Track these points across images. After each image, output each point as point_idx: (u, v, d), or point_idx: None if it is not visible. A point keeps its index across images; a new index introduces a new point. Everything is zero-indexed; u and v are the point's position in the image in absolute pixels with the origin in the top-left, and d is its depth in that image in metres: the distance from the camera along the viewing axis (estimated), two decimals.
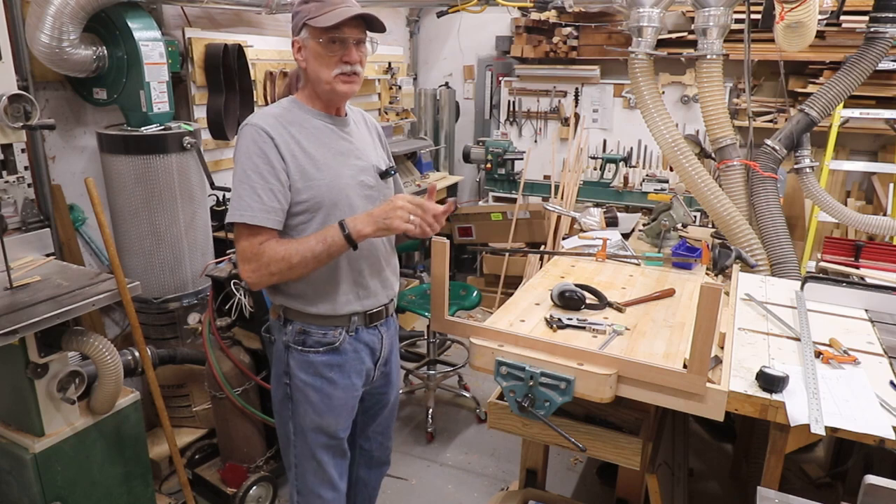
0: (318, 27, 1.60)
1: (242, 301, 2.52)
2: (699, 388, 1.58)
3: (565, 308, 2.02)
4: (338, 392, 1.77)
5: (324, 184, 1.65)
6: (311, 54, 1.65)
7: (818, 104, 2.92)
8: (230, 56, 3.32)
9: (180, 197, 2.78)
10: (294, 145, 1.63)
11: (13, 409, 2.06)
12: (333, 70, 1.63)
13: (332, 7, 1.61)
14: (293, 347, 1.74)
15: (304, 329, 1.73)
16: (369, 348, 1.82)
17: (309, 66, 1.66)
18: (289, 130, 1.64)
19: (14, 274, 2.05)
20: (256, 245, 1.59)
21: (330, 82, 1.64)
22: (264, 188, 1.58)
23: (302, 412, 1.78)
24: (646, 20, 2.88)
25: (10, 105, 1.89)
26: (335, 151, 1.70)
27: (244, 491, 2.58)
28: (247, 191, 1.57)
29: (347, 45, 1.63)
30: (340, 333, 1.74)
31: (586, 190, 4.68)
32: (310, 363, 1.74)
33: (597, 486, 2.94)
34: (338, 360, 1.75)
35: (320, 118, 1.71)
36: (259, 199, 1.57)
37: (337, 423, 1.81)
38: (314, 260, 1.59)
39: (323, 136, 1.70)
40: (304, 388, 1.75)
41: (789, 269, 2.86)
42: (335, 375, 1.76)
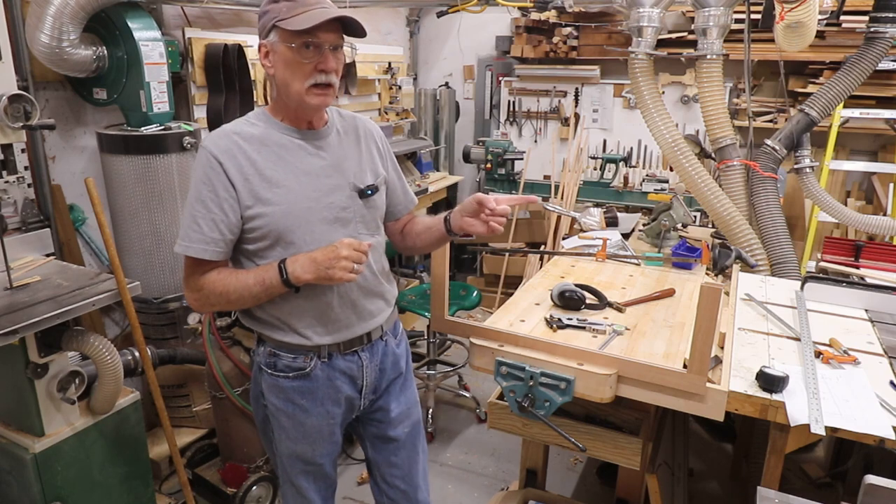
0: (290, 30, 1.42)
1: None
2: (699, 388, 1.58)
3: (565, 308, 2.02)
4: (311, 420, 1.65)
5: (279, 210, 1.49)
6: (280, 60, 1.47)
7: (818, 104, 2.92)
8: (230, 56, 3.32)
9: (180, 197, 2.78)
10: (248, 168, 1.48)
11: (13, 409, 2.06)
12: (306, 80, 1.46)
13: (306, 8, 1.44)
14: (264, 370, 1.63)
15: (274, 352, 1.61)
16: (347, 376, 1.66)
17: (278, 74, 1.49)
18: (245, 151, 1.49)
19: (14, 274, 2.05)
20: (198, 276, 1.51)
21: (300, 93, 1.47)
22: (205, 218, 1.47)
23: (276, 437, 1.69)
24: (646, 20, 2.88)
25: (10, 105, 1.89)
26: (299, 171, 1.53)
27: (244, 491, 2.58)
28: (188, 219, 1.48)
29: (323, 52, 1.46)
30: (311, 359, 1.60)
31: (586, 190, 4.68)
32: (280, 388, 1.62)
33: (597, 486, 2.94)
34: (309, 387, 1.62)
35: (287, 133, 1.55)
36: (199, 229, 1.47)
37: (313, 450, 1.69)
38: (252, 299, 1.50)
39: (287, 155, 1.53)
40: (276, 413, 1.65)
41: (789, 269, 2.86)
42: (307, 403, 1.63)
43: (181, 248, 1.49)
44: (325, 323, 1.59)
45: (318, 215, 1.54)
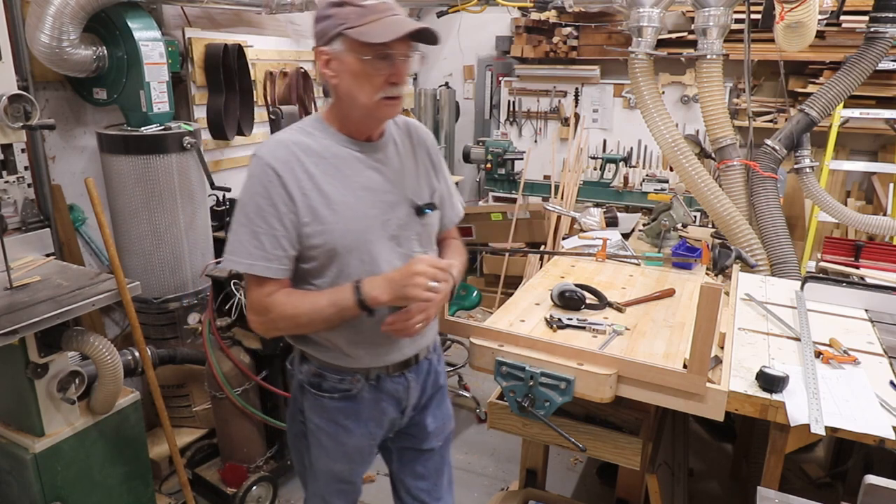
0: (364, 42, 1.32)
1: (242, 301, 2.52)
2: (699, 388, 1.58)
3: (565, 308, 2.02)
4: (353, 440, 1.59)
5: (338, 228, 1.41)
6: (347, 71, 1.36)
7: (818, 104, 2.92)
8: (230, 56, 3.32)
9: (180, 197, 2.78)
10: (307, 182, 1.39)
11: (13, 409, 2.06)
12: (377, 93, 1.37)
13: (378, 16, 1.33)
14: (308, 389, 1.56)
15: (320, 372, 1.54)
16: (393, 398, 1.59)
17: (342, 84, 1.38)
18: (303, 164, 1.39)
19: (14, 274, 2.05)
20: (265, 297, 1.41)
21: (369, 106, 1.39)
22: (267, 233, 1.37)
23: (315, 454, 1.62)
24: (646, 20, 2.88)
25: (10, 105, 1.89)
26: (358, 186, 1.44)
27: (244, 491, 2.58)
28: (247, 234, 1.38)
29: (395, 63, 1.37)
30: (358, 381, 1.54)
31: (586, 190, 4.68)
32: (324, 408, 1.56)
33: (597, 486, 2.94)
34: (354, 408, 1.56)
35: (346, 145, 1.45)
36: (261, 245, 1.37)
37: (351, 470, 1.66)
38: (324, 322, 1.42)
39: (345, 168, 1.44)
40: (316, 431, 1.59)
41: (789, 269, 2.86)
42: (350, 423, 1.56)
43: (244, 267, 1.39)
44: (378, 345, 1.52)
45: (377, 233, 1.46)
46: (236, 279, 2.51)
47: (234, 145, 3.63)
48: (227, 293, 2.55)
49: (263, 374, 2.66)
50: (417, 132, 1.63)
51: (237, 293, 2.52)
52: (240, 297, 2.52)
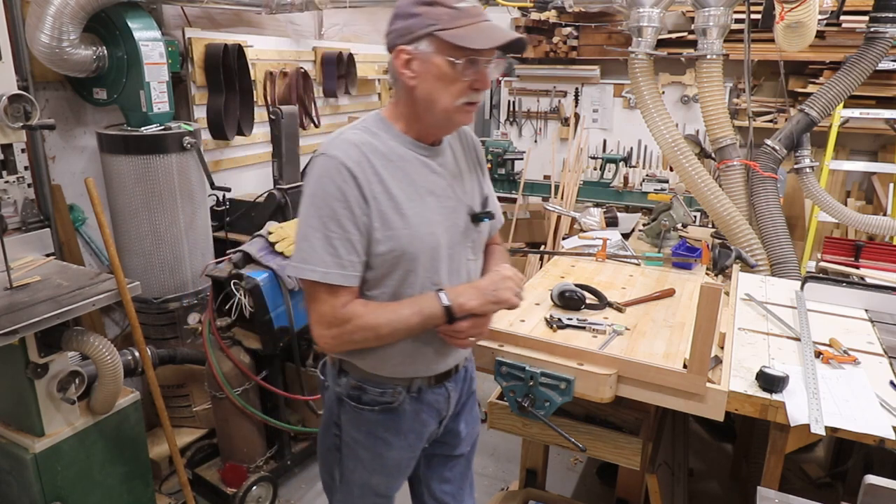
0: (460, 45, 1.27)
1: (242, 301, 2.52)
2: (699, 388, 1.58)
3: (565, 308, 2.02)
4: (392, 453, 1.54)
5: (406, 234, 1.34)
6: (430, 73, 1.31)
7: (818, 104, 2.92)
8: (230, 56, 3.33)
9: (180, 197, 2.78)
10: (377, 185, 1.32)
11: (13, 409, 2.06)
12: (460, 98, 1.33)
13: (472, 19, 1.30)
14: (346, 402, 1.50)
15: (360, 385, 1.48)
16: (434, 409, 1.55)
17: (422, 87, 1.33)
18: (373, 166, 1.33)
19: (14, 274, 2.05)
20: (339, 308, 1.32)
21: (449, 112, 1.34)
22: (341, 238, 1.30)
23: (350, 467, 1.56)
24: (646, 20, 2.88)
25: (10, 105, 1.89)
26: (424, 191, 1.39)
27: (244, 491, 2.58)
28: (320, 240, 1.30)
29: (481, 69, 1.33)
30: (400, 393, 1.48)
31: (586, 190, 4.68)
32: (364, 421, 1.50)
33: (597, 486, 2.94)
34: (395, 421, 1.50)
35: (412, 148, 1.39)
36: (335, 252, 1.30)
37: (388, 483, 1.60)
38: (406, 332, 1.35)
39: (411, 171, 1.38)
40: (353, 444, 1.53)
41: (789, 269, 2.86)
42: (390, 436, 1.51)
43: (317, 276, 1.30)
44: (425, 354, 1.47)
45: (441, 240, 1.41)
46: (236, 279, 2.51)
47: (234, 145, 3.63)
48: (227, 293, 2.55)
49: (263, 374, 2.66)
50: (467, 133, 1.58)
51: (237, 293, 2.52)
52: (239, 296, 2.52)
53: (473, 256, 1.51)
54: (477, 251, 1.53)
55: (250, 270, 2.53)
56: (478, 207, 1.51)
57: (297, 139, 3.35)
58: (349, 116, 4.40)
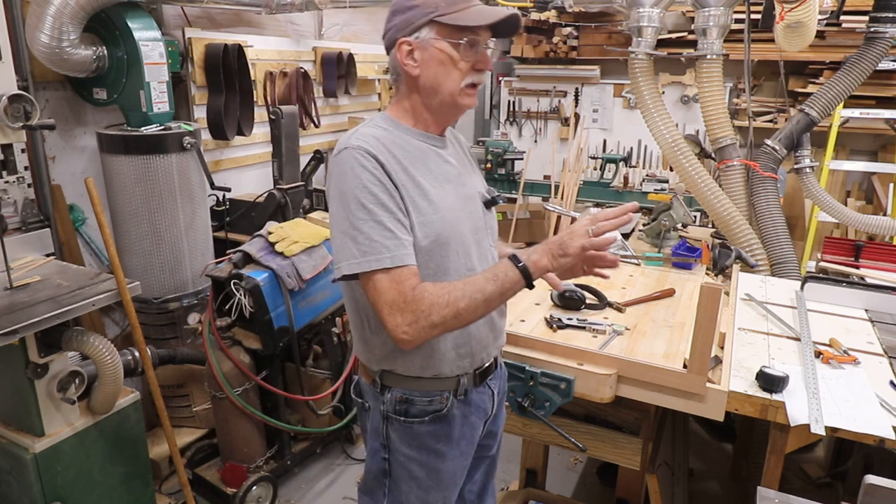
0: (459, 25, 1.32)
1: (242, 301, 2.52)
2: (699, 388, 1.58)
3: (565, 308, 2.03)
4: (446, 465, 1.50)
5: (437, 219, 1.35)
6: (434, 59, 1.34)
7: (818, 104, 2.92)
8: (230, 56, 3.32)
9: (180, 197, 2.78)
10: (401, 172, 1.33)
11: (13, 409, 2.06)
12: (464, 79, 1.36)
13: (467, 4, 1.35)
14: (394, 418, 1.45)
15: (406, 397, 1.44)
16: (481, 409, 1.54)
17: (426, 74, 1.36)
18: (393, 154, 1.33)
19: (14, 274, 2.05)
20: (409, 291, 1.25)
21: (454, 95, 1.37)
22: (392, 220, 1.27)
23: (405, 490, 1.50)
24: (646, 20, 2.88)
25: (10, 105, 1.89)
26: (443, 178, 1.41)
27: (244, 491, 2.58)
28: (374, 228, 1.26)
29: (481, 50, 1.36)
30: (448, 398, 1.45)
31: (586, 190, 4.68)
32: (414, 435, 1.46)
33: (597, 486, 2.94)
34: (446, 430, 1.47)
35: (422, 139, 1.42)
36: (393, 234, 1.26)
37: (445, 497, 1.54)
38: (485, 304, 1.29)
39: (427, 161, 1.40)
40: (407, 463, 1.48)
41: (789, 269, 2.86)
42: (443, 447, 1.48)
43: (385, 262, 1.25)
44: (469, 342, 1.45)
45: (465, 225, 1.42)
46: (236, 279, 2.51)
47: (234, 145, 3.63)
48: (227, 293, 2.55)
49: (263, 374, 2.66)
50: (456, 134, 1.62)
51: (237, 293, 2.52)
52: (239, 296, 2.52)
53: (491, 242, 1.52)
54: (494, 238, 1.55)
55: (250, 270, 2.53)
56: (488, 195, 1.53)
57: (297, 139, 3.35)
58: (349, 116, 4.40)
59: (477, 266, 1.42)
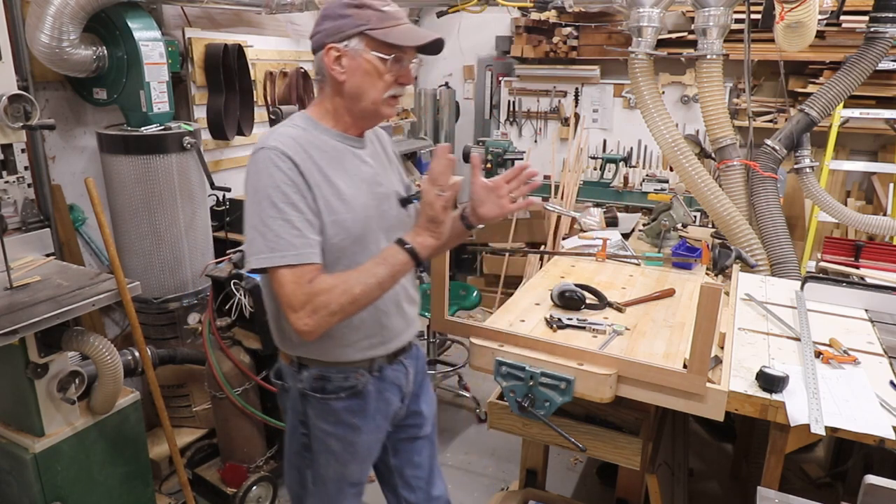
0: (388, 42, 1.39)
1: (242, 301, 2.52)
2: (699, 388, 1.58)
3: (565, 308, 2.02)
4: (362, 438, 1.59)
5: (350, 218, 1.42)
6: (360, 69, 1.41)
7: (818, 104, 2.92)
8: (230, 56, 3.33)
9: (180, 197, 2.78)
10: (317, 173, 1.39)
11: (13, 409, 2.06)
12: (387, 91, 1.44)
13: (397, 21, 1.42)
14: (310, 395, 1.54)
15: (323, 374, 1.52)
16: (395, 386, 1.62)
17: (351, 81, 1.42)
18: (310, 154, 1.39)
19: (14, 274, 2.05)
20: (306, 285, 1.32)
21: (377, 104, 1.44)
22: (301, 220, 1.34)
23: (323, 462, 1.59)
24: (646, 20, 2.88)
25: (10, 105, 1.89)
26: (358, 178, 1.48)
27: (244, 491, 2.58)
28: (282, 225, 1.32)
29: (406, 65, 1.45)
30: (362, 376, 1.54)
31: (586, 190, 4.68)
32: (331, 411, 1.54)
33: (597, 486, 2.94)
34: (360, 405, 1.56)
35: (340, 139, 1.48)
36: (300, 233, 1.33)
37: (361, 470, 1.65)
38: (378, 287, 1.36)
39: (344, 161, 1.47)
40: (324, 437, 1.56)
41: (789, 269, 2.86)
42: (358, 421, 1.56)
43: (287, 259, 1.31)
44: (382, 333, 1.54)
45: (378, 224, 1.49)
46: (236, 279, 2.51)
47: (234, 145, 3.63)
48: (227, 293, 2.55)
49: (263, 374, 2.66)
50: (380, 133, 1.68)
51: (237, 293, 2.52)
52: (239, 296, 2.52)
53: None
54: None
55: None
56: (404, 193, 1.60)
57: None
58: None
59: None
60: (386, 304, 1.52)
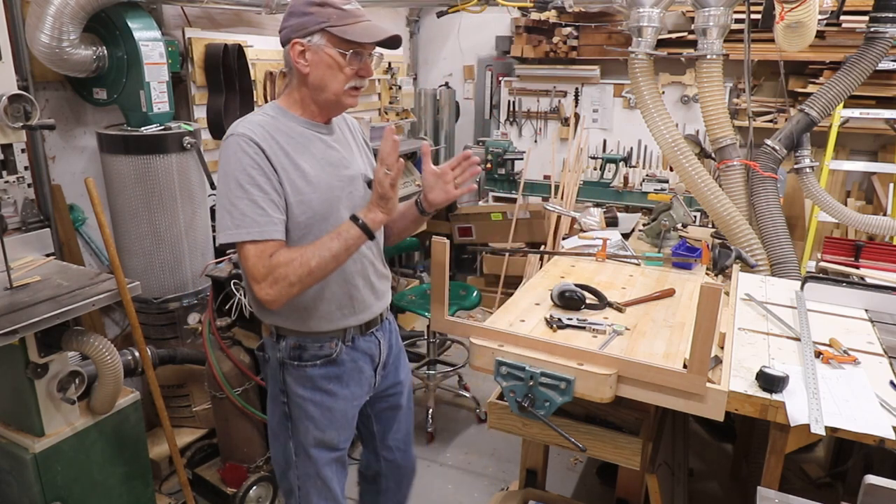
0: (346, 39, 1.51)
1: (242, 301, 2.52)
2: (699, 388, 1.58)
3: (565, 308, 2.02)
4: (338, 404, 1.72)
5: (315, 198, 1.56)
6: (321, 62, 1.54)
7: (818, 104, 2.92)
8: (230, 56, 3.32)
9: (180, 197, 2.78)
10: (283, 157, 1.53)
11: (13, 409, 2.06)
12: (347, 83, 1.57)
13: (357, 19, 1.54)
14: (288, 363, 1.68)
15: (300, 343, 1.67)
16: (367, 356, 1.77)
17: (314, 74, 1.55)
18: (276, 140, 1.54)
19: (14, 274, 2.05)
20: (267, 259, 1.47)
21: (338, 94, 1.58)
22: (265, 200, 1.49)
23: (303, 429, 1.71)
24: (646, 20, 2.88)
25: (10, 105, 1.89)
26: (325, 162, 1.61)
27: (244, 491, 2.58)
28: (248, 205, 1.47)
29: (364, 59, 1.58)
30: (337, 345, 1.69)
31: (586, 190, 4.68)
32: (308, 377, 1.68)
33: (597, 486, 2.94)
34: (336, 372, 1.70)
35: (307, 126, 1.62)
36: (264, 212, 1.48)
37: (339, 435, 1.76)
38: (333, 259, 1.50)
39: (310, 146, 1.60)
40: (303, 403, 1.69)
41: (789, 269, 2.86)
42: (334, 387, 1.70)
43: (251, 234, 1.46)
44: (352, 305, 1.69)
45: (343, 203, 1.62)
46: (236, 279, 2.51)
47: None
48: (227, 293, 2.55)
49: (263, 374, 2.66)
50: (347, 119, 1.83)
51: (237, 293, 2.52)
52: (239, 296, 2.52)
53: None
54: None
55: None
56: (371, 175, 1.70)
57: None
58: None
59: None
60: (354, 277, 1.68)
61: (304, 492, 1.77)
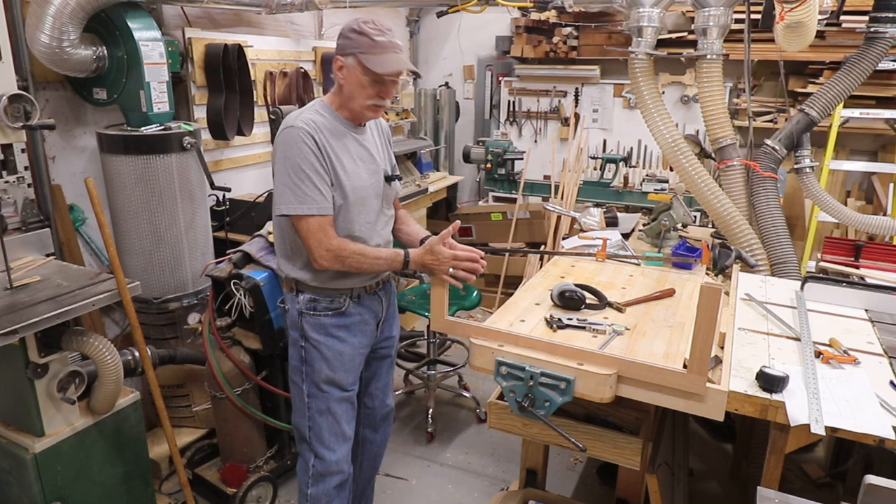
0: (370, 68, 1.80)
1: (242, 301, 2.52)
2: (699, 388, 1.58)
3: (565, 308, 2.02)
4: (347, 349, 2.02)
5: (349, 185, 1.89)
6: (352, 79, 1.85)
7: (818, 104, 2.92)
8: (230, 56, 3.32)
9: (180, 197, 2.78)
10: (329, 149, 1.86)
11: (13, 409, 2.06)
12: (368, 101, 1.87)
13: (384, 51, 1.81)
14: (306, 313, 1.99)
15: (314, 298, 1.98)
16: (371, 311, 2.09)
17: (346, 87, 1.87)
18: (324, 136, 1.85)
19: (14, 274, 2.05)
20: (333, 238, 1.85)
21: (362, 108, 1.89)
22: (322, 183, 1.83)
23: (317, 368, 2.00)
24: (646, 20, 2.88)
25: (10, 105, 1.89)
26: (356, 157, 1.94)
27: (244, 491, 2.58)
28: (310, 187, 1.81)
29: (387, 84, 1.87)
30: (345, 300, 2.00)
31: (586, 190, 4.68)
32: (321, 325, 1.99)
33: (597, 486, 2.94)
34: (345, 322, 2.01)
35: (346, 126, 1.94)
36: (322, 193, 1.83)
37: (347, 377, 2.05)
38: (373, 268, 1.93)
39: (348, 142, 1.93)
40: (318, 345, 1.99)
41: (789, 269, 2.86)
42: (343, 334, 2.01)
43: (312, 210, 1.81)
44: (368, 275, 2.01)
45: (370, 192, 1.96)
46: (236, 279, 2.51)
47: (234, 145, 3.63)
48: (227, 293, 2.55)
49: (263, 374, 2.66)
50: (381, 124, 2.14)
51: (237, 293, 2.52)
52: (239, 296, 2.52)
53: (388, 206, 2.09)
54: (389, 203, 2.10)
55: (250, 270, 2.53)
56: (390, 172, 2.06)
57: None
58: None
59: (374, 220, 2.00)
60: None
61: (317, 428, 2.05)
